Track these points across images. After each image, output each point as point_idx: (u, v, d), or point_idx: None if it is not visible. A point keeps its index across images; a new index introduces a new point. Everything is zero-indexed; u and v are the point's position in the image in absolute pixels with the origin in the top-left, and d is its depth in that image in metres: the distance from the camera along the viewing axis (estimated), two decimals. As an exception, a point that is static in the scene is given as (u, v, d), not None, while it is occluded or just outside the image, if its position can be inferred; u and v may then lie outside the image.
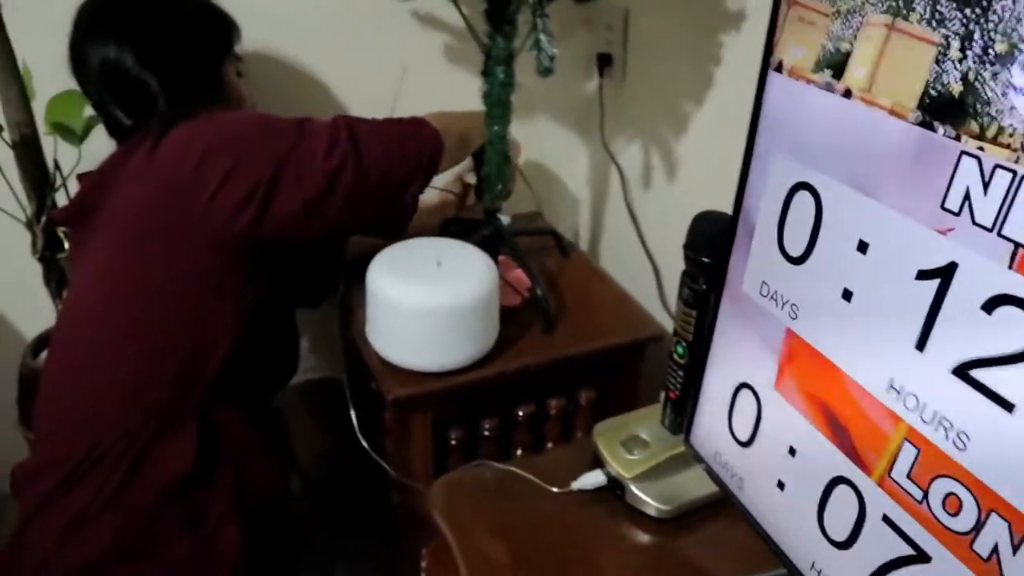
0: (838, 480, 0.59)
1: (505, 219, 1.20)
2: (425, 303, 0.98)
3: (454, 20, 1.33)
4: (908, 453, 0.52)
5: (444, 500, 0.87)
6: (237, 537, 0.97)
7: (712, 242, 0.73)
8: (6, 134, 1.11)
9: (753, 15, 1.09)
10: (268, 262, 0.99)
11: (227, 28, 1.05)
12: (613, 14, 1.36)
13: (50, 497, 0.93)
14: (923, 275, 0.49)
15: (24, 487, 0.98)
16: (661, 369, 1.29)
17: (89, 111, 1.07)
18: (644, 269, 1.42)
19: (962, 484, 0.49)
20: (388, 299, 1.00)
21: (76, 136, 1.11)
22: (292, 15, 1.28)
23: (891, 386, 0.52)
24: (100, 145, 1.09)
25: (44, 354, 1.34)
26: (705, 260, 0.75)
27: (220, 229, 0.91)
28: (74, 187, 1.10)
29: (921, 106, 0.47)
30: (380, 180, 0.99)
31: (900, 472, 0.53)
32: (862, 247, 0.53)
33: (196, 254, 0.92)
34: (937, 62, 0.45)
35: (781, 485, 0.67)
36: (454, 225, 1.25)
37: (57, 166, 1.16)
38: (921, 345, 0.50)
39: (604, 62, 1.42)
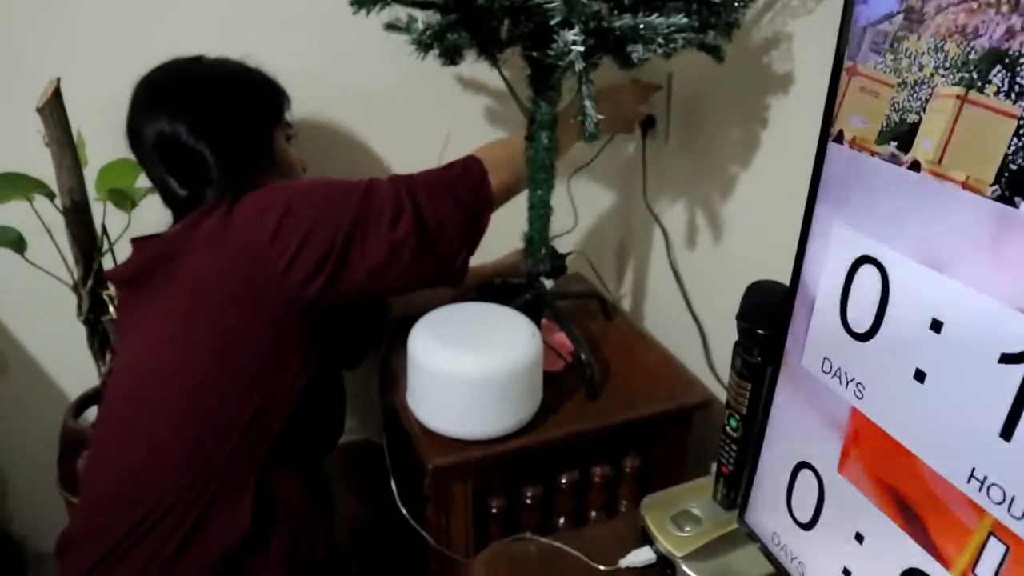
0: (913, 573, 0.56)
1: (548, 283, 1.19)
2: (468, 372, 0.96)
3: (497, 84, 1.34)
4: (995, 550, 0.48)
5: (486, 574, 0.83)
6: None
7: (767, 313, 0.71)
8: (58, 200, 1.13)
9: (801, 79, 1.08)
10: (325, 324, 1.00)
11: (277, 97, 1.08)
12: (656, 77, 1.37)
13: (97, 566, 0.92)
14: (1007, 359, 0.46)
15: (69, 553, 0.96)
16: (708, 437, 1.25)
17: (142, 180, 1.10)
18: (690, 333, 1.39)
19: (1057, 587, 0.45)
20: (430, 366, 0.98)
21: (128, 203, 1.13)
22: (339, 81, 1.30)
23: (973, 476, 0.49)
24: (147, 213, 1.12)
25: (87, 415, 1.35)
26: (760, 332, 0.72)
27: (292, 296, 0.92)
28: (123, 251, 1.11)
29: (999, 180, 0.44)
30: (439, 242, 1.00)
31: (986, 570, 0.49)
32: (935, 326, 0.50)
33: (266, 320, 0.93)
34: (1017, 135, 0.43)
35: (847, 573, 0.63)
36: (497, 289, 1.24)
37: (105, 231, 1.18)
38: (1007, 434, 0.46)
39: (647, 124, 1.42)
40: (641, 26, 0.86)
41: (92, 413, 1.36)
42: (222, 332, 0.93)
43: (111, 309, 1.20)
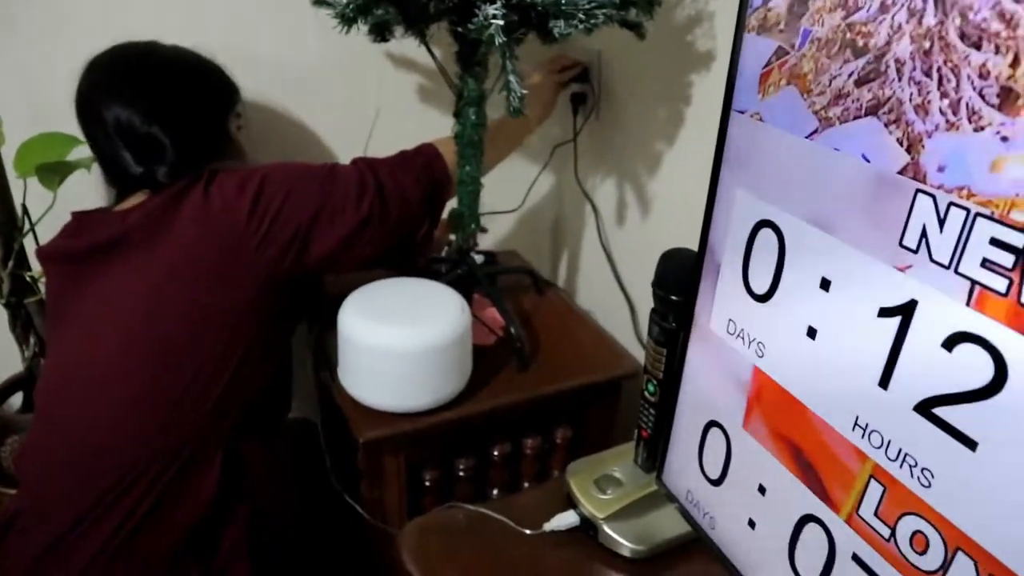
0: (808, 519, 0.59)
1: (479, 257, 1.20)
2: (395, 344, 0.97)
3: (427, 62, 1.35)
4: (875, 491, 0.52)
5: (415, 544, 0.85)
6: (247, 573, 0.98)
7: (680, 280, 0.73)
8: (-28, 179, 1.10)
9: (721, 56, 1.11)
10: (291, 294, 1.04)
11: (230, 88, 1.11)
12: (586, 55, 1.39)
13: (57, 544, 0.91)
14: (884, 312, 0.49)
15: (13, 536, 0.94)
16: (637, 407, 1.29)
17: (73, 155, 1.08)
18: (620, 306, 1.42)
19: (928, 522, 0.48)
20: (358, 340, 0.99)
21: (57, 179, 1.10)
22: (274, 62, 1.29)
23: (856, 424, 0.52)
24: (73, 191, 1.09)
25: (12, 401, 1.31)
26: (674, 298, 0.75)
27: (266, 271, 0.97)
28: (45, 231, 1.09)
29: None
30: (399, 220, 1.06)
31: (868, 510, 0.53)
32: (824, 284, 0.53)
33: (240, 293, 0.97)
34: (890, 103, 0.46)
35: (752, 524, 0.66)
36: (429, 265, 1.25)
37: (26, 211, 1.15)
38: (884, 382, 0.50)
39: (578, 102, 1.44)
40: (562, 2, 0.88)
41: (17, 399, 1.33)
42: (198, 305, 0.95)
43: (41, 289, 1.17)
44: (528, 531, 0.85)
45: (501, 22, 0.83)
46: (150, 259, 0.96)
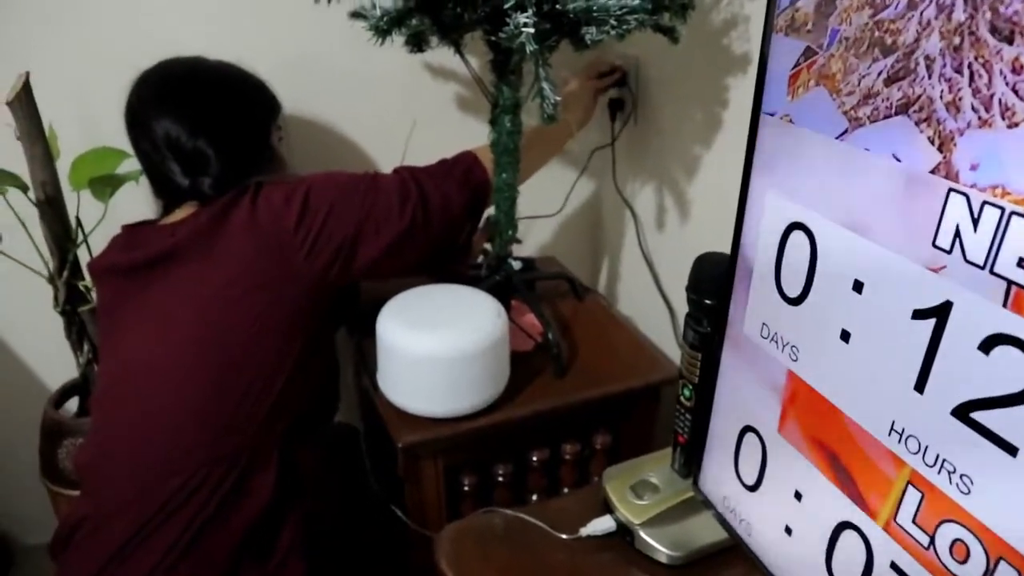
0: (844, 525, 0.58)
1: (516, 264, 1.21)
2: (432, 351, 0.98)
3: (462, 72, 1.36)
4: (912, 497, 0.51)
5: (451, 549, 0.85)
6: (304, 572, 0.99)
7: (714, 284, 0.73)
8: (31, 193, 1.14)
9: (756, 58, 1.10)
10: (334, 299, 1.06)
11: (272, 102, 1.14)
12: (623, 61, 1.38)
13: (125, 546, 0.93)
14: (919, 315, 0.48)
15: (79, 540, 0.97)
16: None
17: (122, 168, 1.12)
18: (660, 311, 1.41)
19: (968, 530, 0.47)
20: (396, 347, 1.00)
21: (108, 191, 1.15)
22: (314, 74, 1.31)
23: (892, 428, 0.51)
24: (121, 205, 1.13)
25: (68, 405, 1.36)
26: (708, 302, 0.75)
27: (315, 280, 1.00)
28: (97, 242, 1.13)
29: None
30: (442, 227, 1.09)
31: (906, 517, 0.52)
32: (857, 287, 0.53)
33: (292, 301, 0.99)
34: (919, 101, 0.45)
35: (788, 530, 0.65)
36: (467, 271, 1.26)
37: (79, 223, 1.19)
38: (920, 387, 0.49)
39: (616, 108, 1.44)
40: (594, 8, 0.88)
41: (73, 404, 1.37)
42: (252, 314, 0.98)
43: (93, 297, 1.21)
44: (564, 536, 0.85)
45: (532, 30, 0.83)
46: (202, 271, 0.99)
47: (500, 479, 1.13)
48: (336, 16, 1.07)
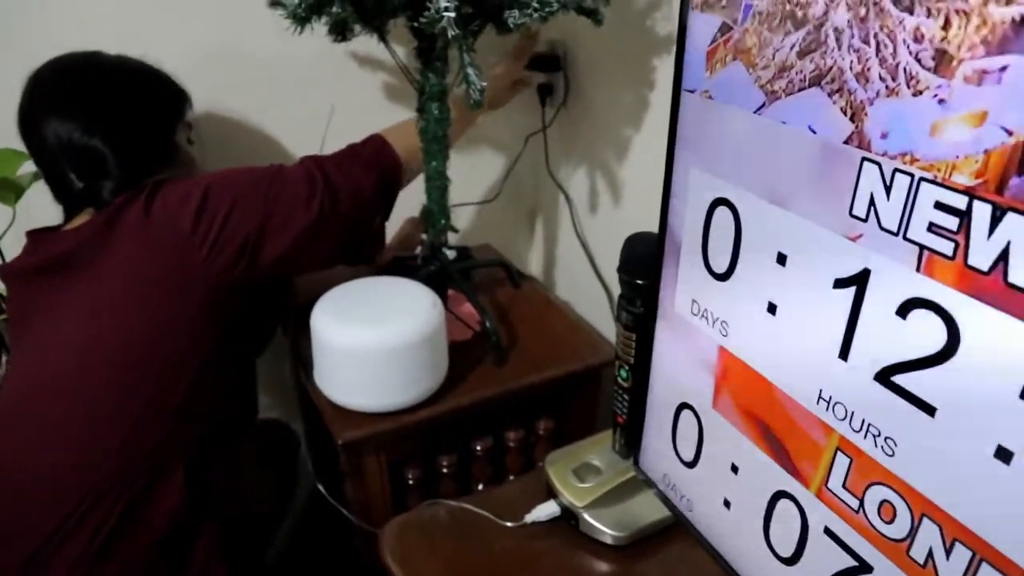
0: (780, 495, 0.59)
1: (451, 253, 1.19)
2: (367, 344, 0.97)
3: (388, 60, 1.34)
4: (841, 463, 0.52)
5: (396, 543, 0.84)
6: None
7: (645, 264, 0.73)
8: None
9: (681, 38, 1.11)
10: (243, 305, 1.02)
11: (178, 98, 1.08)
12: (551, 46, 1.38)
13: (31, 561, 0.90)
14: (839, 283, 0.49)
15: None
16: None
17: (26, 169, 1.06)
18: (599, 294, 1.42)
19: (894, 490, 0.48)
20: (331, 341, 0.98)
21: (12, 195, 1.09)
22: (228, 68, 1.27)
23: (820, 397, 0.52)
24: (31, 208, 1.08)
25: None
26: (640, 282, 0.75)
27: (217, 281, 0.95)
28: (10, 247, 1.08)
29: (821, 116, 0.47)
30: (352, 214, 1.05)
31: (836, 482, 0.53)
32: (781, 259, 0.53)
33: (194, 305, 0.95)
34: (831, 72, 0.46)
35: (727, 504, 0.66)
36: (400, 263, 1.24)
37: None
38: (844, 354, 0.50)
39: (545, 92, 1.43)
40: (516, -9, 0.87)
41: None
42: (149, 318, 0.94)
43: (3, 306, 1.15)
44: (510, 523, 0.85)
45: (453, 14, 0.82)
46: (98, 276, 0.94)
47: (445, 471, 1.12)
48: (254, 4, 1.04)
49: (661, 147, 1.16)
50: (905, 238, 0.43)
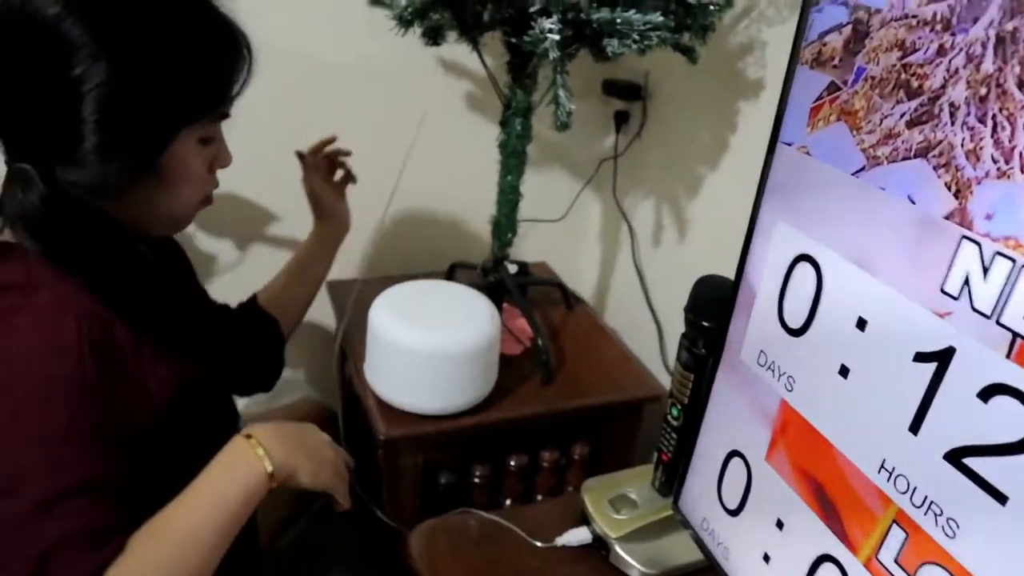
0: (825, 558, 0.58)
1: (512, 267, 1.21)
2: (425, 346, 0.98)
3: (474, 68, 1.36)
4: (896, 536, 0.51)
5: (424, 545, 0.85)
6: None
7: (713, 307, 0.73)
8: None
9: (771, 85, 1.11)
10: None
11: (213, 84, 0.70)
12: (633, 74, 1.39)
13: None
14: (920, 357, 0.48)
15: None
16: (657, 430, 1.28)
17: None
18: (648, 327, 1.42)
19: (950, 574, 0.48)
20: (389, 339, 1.00)
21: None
22: (319, 55, 1.30)
23: (883, 467, 0.52)
24: None
25: None
26: (705, 324, 0.75)
27: None
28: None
29: (925, 189, 0.47)
30: None
31: (888, 555, 0.52)
32: (861, 324, 0.53)
33: None
34: (942, 147, 0.46)
35: (767, 558, 0.65)
36: (461, 269, 1.26)
37: None
38: (915, 428, 0.49)
39: (621, 119, 1.44)
40: (618, 20, 0.88)
41: None
42: None
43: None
44: (539, 543, 0.85)
45: (557, 37, 0.83)
46: None
47: (477, 480, 1.13)
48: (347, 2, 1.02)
49: (735, 191, 1.17)
50: (998, 323, 0.43)
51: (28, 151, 0.64)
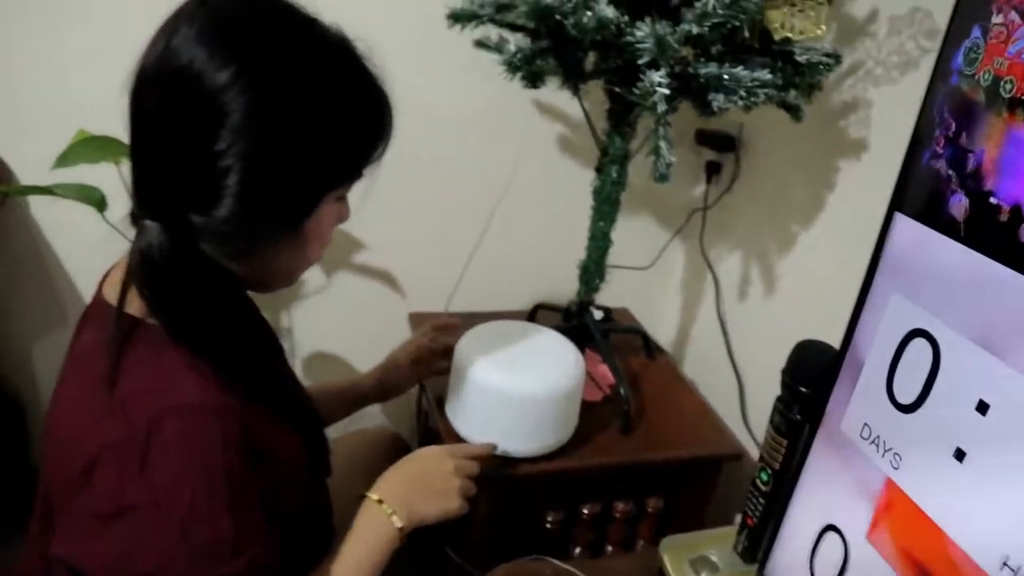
0: (928, 650, 0.55)
1: (598, 313, 1.20)
2: (510, 388, 0.98)
3: (572, 113, 1.37)
4: (1013, 638, 0.48)
5: (499, 591, 0.85)
6: None
7: (813, 373, 0.71)
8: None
9: (874, 146, 1.09)
10: None
11: (363, 148, 0.70)
12: (728, 124, 1.38)
13: None
14: (1050, 449, 0.46)
15: None
16: (734, 488, 1.25)
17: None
18: (728, 382, 1.39)
19: None
20: (474, 378, 1.00)
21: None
22: (418, 94, 1.33)
23: (1006, 564, 0.49)
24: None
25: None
26: (803, 390, 0.73)
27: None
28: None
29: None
30: None
31: (1001, 657, 0.49)
32: (982, 407, 0.51)
33: None
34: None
35: (861, 643, 0.62)
36: (544, 311, 1.26)
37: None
38: (1042, 524, 0.46)
39: (712, 170, 1.43)
40: (725, 76, 0.88)
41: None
42: None
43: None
44: (614, 599, 0.84)
45: (667, 91, 0.84)
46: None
47: (548, 526, 1.12)
48: (456, 41, 1.04)
49: (830, 252, 1.14)
50: None
51: (164, 206, 0.63)
